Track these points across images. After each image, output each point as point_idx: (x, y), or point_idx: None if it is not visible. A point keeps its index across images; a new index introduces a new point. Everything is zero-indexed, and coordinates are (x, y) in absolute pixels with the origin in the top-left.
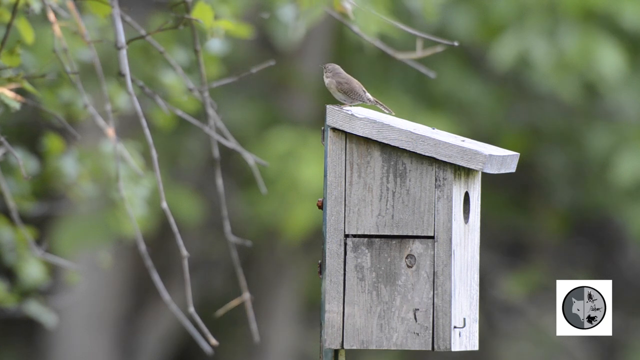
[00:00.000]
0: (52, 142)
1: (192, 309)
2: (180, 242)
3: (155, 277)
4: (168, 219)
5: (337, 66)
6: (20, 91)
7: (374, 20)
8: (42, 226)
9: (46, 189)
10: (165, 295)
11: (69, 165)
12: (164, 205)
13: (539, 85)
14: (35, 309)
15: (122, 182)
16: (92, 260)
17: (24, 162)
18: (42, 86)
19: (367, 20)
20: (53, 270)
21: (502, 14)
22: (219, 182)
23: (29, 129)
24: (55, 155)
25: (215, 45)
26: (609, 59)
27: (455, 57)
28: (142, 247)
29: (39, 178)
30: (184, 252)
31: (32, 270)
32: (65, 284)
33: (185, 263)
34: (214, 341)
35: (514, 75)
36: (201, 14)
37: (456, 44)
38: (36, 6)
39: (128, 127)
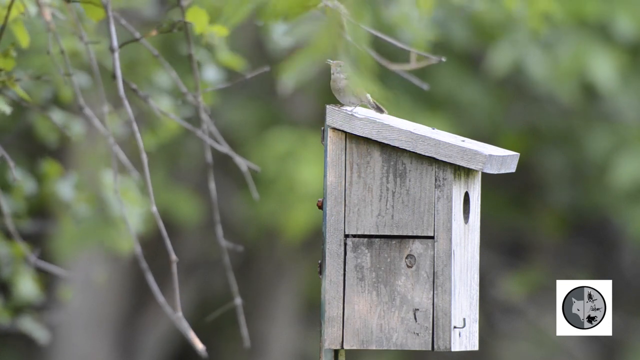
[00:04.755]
0: (50, 167)
1: (180, 314)
2: (169, 246)
3: (150, 279)
4: (157, 223)
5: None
6: (17, 105)
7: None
8: (38, 240)
9: (42, 208)
10: (160, 297)
11: (65, 191)
12: (154, 209)
13: (538, 87)
14: (28, 325)
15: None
16: (92, 261)
17: (23, 182)
18: (34, 110)
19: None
20: (48, 285)
21: (498, 21)
22: (212, 186)
23: (28, 150)
24: (52, 179)
25: (211, 74)
26: (602, 68)
27: (454, 57)
28: (138, 249)
29: (36, 199)
30: (173, 257)
31: (26, 286)
32: (58, 300)
33: (174, 267)
34: (201, 346)
35: (513, 77)
36: (195, 18)
37: (443, 59)
38: (32, 9)
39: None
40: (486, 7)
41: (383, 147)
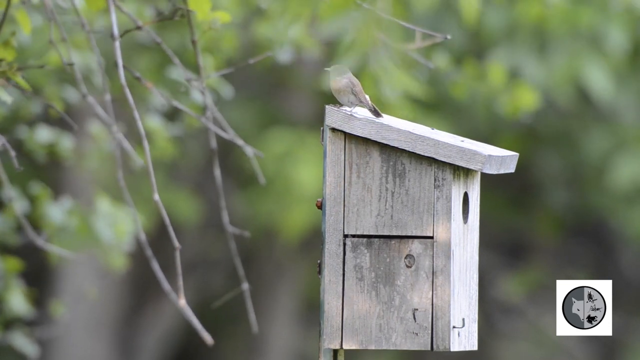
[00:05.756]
0: (41, 191)
1: (183, 301)
2: (172, 233)
3: (155, 266)
4: (160, 212)
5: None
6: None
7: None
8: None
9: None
10: (166, 285)
11: (56, 216)
12: (156, 197)
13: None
14: (19, 340)
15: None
16: (91, 260)
17: (15, 201)
18: (27, 124)
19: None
20: (40, 300)
21: (493, 29)
22: (217, 172)
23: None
24: (43, 201)
25: (199, 96)
26: (597, 77)
27: (452, 58)
28: (142, 236)
29: (28, 219)
30: (176, 244)
31: (16, 301)
32: (50, 315)
33: (177, 255)
34: (207, 335)
35: (511, 78)
36: (197, 5)
37: (449, 36)
38: None
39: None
40: (473, 73)
41: (382, 147)
